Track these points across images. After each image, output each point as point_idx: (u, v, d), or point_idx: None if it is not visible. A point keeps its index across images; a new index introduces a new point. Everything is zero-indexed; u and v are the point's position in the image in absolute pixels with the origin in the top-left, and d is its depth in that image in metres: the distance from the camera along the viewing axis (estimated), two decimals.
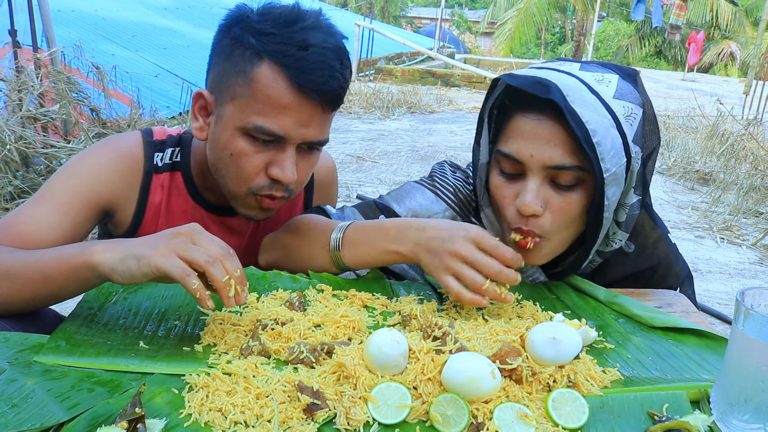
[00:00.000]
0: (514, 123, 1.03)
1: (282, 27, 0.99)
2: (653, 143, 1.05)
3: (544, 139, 0.99)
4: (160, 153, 1.17)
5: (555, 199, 1.01)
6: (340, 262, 1.04)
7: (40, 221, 1.01)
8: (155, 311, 0.92)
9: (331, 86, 1.00)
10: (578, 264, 1.11)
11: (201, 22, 9.08)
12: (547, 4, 20.26)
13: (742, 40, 20.45)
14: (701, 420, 0.72)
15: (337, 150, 5.76)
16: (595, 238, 1.05)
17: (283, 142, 1.02)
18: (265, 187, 1.05)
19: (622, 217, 1.07)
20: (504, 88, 1.06)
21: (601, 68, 1.04)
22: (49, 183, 1.07)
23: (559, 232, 1.04)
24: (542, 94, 0.96)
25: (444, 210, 1.19)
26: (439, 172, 1.25)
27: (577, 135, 0.95)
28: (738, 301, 0.70)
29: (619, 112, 0.99)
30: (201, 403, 0.70)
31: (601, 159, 0.96)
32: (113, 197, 1.12)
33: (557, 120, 0.98)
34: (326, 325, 0.88)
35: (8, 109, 3.63)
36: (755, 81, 8.18)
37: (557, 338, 0.78)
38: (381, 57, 11.70)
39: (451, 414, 0.70)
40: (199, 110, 1.09)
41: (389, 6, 26.87)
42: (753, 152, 5.71)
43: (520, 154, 1.01)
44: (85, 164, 1.10)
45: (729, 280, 3.53)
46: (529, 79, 1.00)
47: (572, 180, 1.00)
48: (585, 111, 0.96)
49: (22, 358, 0.77)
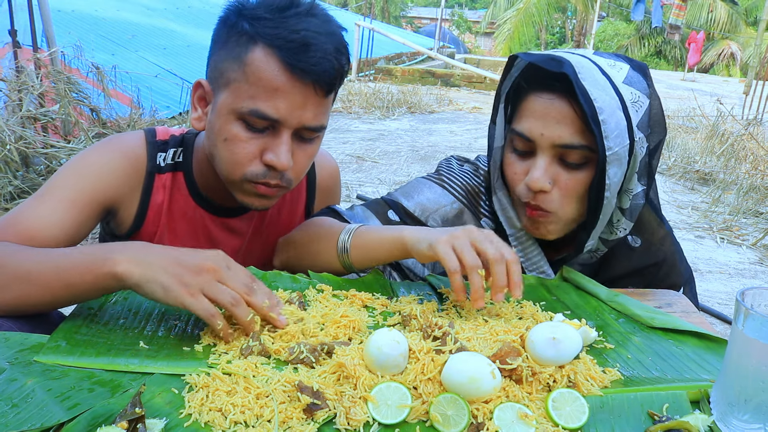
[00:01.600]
0: (527, 102, 1.08)
1: (276, 12, 1.00)
2: (659, 136, 1.09)
3: (554, 118, 1.04)
4: (162, 153, 1.17)
5: (563, 177, 1.07)
6: (348, 263, 1.06)
7: (45, 218, 1.01)
8: (155, 311, 0.92)
9: (323, 67, 0.99)
10: (580, 247, 1.13)
11: (201, 23, 9.08)
12: (546, 5, 20.26)
13: (741, 41, 20.45)
14: (701, 420, 0.72)
15: (337, 150, 5.76)
16: (596, 218, 1.09)
17: (279, 127, 1.01)
18: (260, 174, 1.04)
19: (626, 203, 1.11)
20: (520, 70, 1.11)
21: (614, 57, 1.10)
22: (51, 181, 1.06)
23: (566, 209, 1.09)
24: (555, 69, 1.02)
25: (452, 202, 1.21)
26: (445, 166, 1.28)
27: (585, 113, 1.00)
28: (738, 301, 0.70)
29: (627, 97, 1.04)
30: (201, 403, 0.70)
31: (605, 137, 1.01)
32: (116, 196, 1.11)
33: (568, 100, 1.03)
34: (326, 325, 0.88)
35: (8, 109, 3.63)
36: (755, 81, 8.18)
37: (557, 338, 0.78)
38: (381, 57, 11.69)
39: (451, 414, 0.70)
40: (198, 100, 1.10)
41: (389, 6, 26.87)
42: (753, 152, 5.71)
43: (531, 132, 1.06)
44: (89, 163, 1.09)
45: (729, 280, 3.53)
46: (544, 55, 1.06)
47: (580, 159, 1.06)
48: (594, 89, 1.01)
49: (22, 358, 0.77)
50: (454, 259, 0.91)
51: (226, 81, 1.02)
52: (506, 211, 1.17)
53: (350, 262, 1.06)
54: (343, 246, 1.06)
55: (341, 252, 1.06)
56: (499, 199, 1.18)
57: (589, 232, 1.11)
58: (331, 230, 1.10)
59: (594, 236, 1.12)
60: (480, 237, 0.94)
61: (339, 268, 1.08)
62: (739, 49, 20.72)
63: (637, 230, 1.19)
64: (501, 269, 0.92)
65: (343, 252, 1.06)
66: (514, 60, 1.12)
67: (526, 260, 1.18)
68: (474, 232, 0.95)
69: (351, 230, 1.06)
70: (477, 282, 0.91)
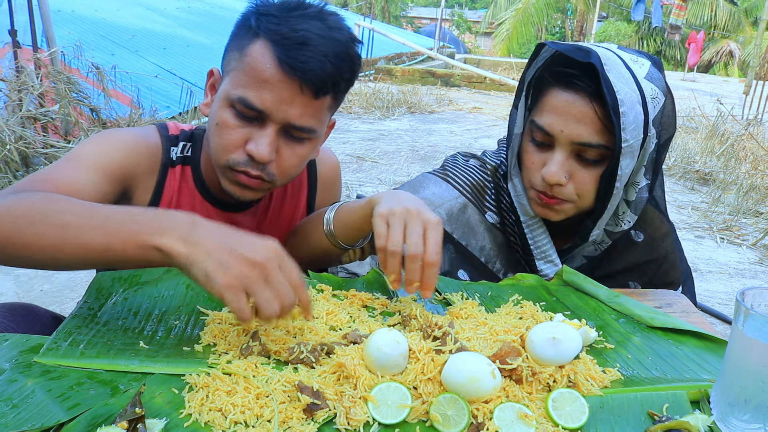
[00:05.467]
0: (550, 96, 1.11)
1: (283, 11, 1.02)
2: (669, 133, 1.13)
3: (575, 117, 1.07)
4: (174, 147, 1.19)
5: (578, 171, 1.11)
6: (334, 239, 1.10)
7: (76, 178, 0.98)
8: (155, 311, 0.92)
9: (311, 66, 0.99)
10: (585, 235, 1.17)
11: (202, 23, 9.07)
12: (546, 5, 20.23)
13: (741, 40, 20.44)
14: (701, 420, 0.72)
15: (337, 150, 5.76)
16: (603, 207, 1.12)
17: (265, 120, 1.03)
18: (241, 162, 1.05)
19: (632, 195, 1.14)
20: (545, 59, 1.14)
21: (636, 53, 1.13)
22: (75, 152, 1.05)
23: (579, 200, 1.13)
24: (582, 58, 1.05)
25: (456, 197, 1.25)
26: (451, 162, 1.32)
27: (605, 114, 1.04)
28: (738, 301, 0.70)
29: (647, 92, 1.07)
30: (201, 403, 0.70)
31: (623, 129, 1.04)
32: (136, 177, 1.12)
33: (590, 100, 1.06)
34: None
35: (8, 109, 3.63)
36: (755, 81, 8.18)
37: (557, 338, 0.78)
38: (381, 57, 11.69)
39: (451, 414, 0.70)
40: (210, 87, 1.13)
41: (389, 6, 26.87)
42: (753, 152, 5.71)
43: (551, 127, 1.10)
44: (113, 140, 1.10)
45: (729, 280, 3.53)
46: (571, 45, 1.09)
47: (596, 156, 1.09)
48: (618, 81, 1.04)
49: (22, 359, 0.77)
50: (382, 235, 0.92)
51: (228, 69, 1.06)
52: (521, 198, 1.20)
53: (336, 236, 1.09)
54: (327, 222, 1.09)
55: (327, 229, 1.10)
56: (515, 186, 1.21)
57: (595, 221, 1.15)
58: (321, 213, 1.14)
59: (600, 225, 1.15)
60: (415, 225, 0.91)
61: (331, 247, 1.11)
62: (738, 47, 20.73)
63: (641, 225, 1.21)
64: (414, 266, 0.89)
65: (327, 225, 1.09)
66: (542, 48, 1.14)
67: (535, 248, 1.21)
68: (414, 216, 0.92)
69: (334, 207, 1.11)
70: (391, 264, 0.91)
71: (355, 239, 1.10)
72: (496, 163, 1.28)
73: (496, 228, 1.25)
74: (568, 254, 1.22)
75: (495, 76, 10.72)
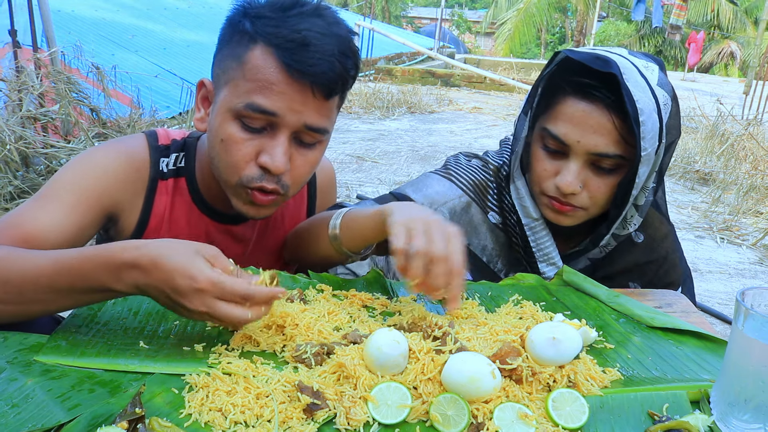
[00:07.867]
0: (565, 105, 1.10)
1: (278, 12, 0.97)
2: (674, 136, 1.13)
3: (592, 128, 1.07)
4: (165, 158, 1.13)
5: (593, 180, 1.11)
6: (339, 246, 1.06)
7: (45, 222, 0.97)
8: (155, 311, 0.92)
9: (321, 68, 0.95)
10: (597, 240, 1.18)
11: (202, 23, 9.07)
12: (546, 5, 20.24)
13: (742, 40, 20.44)
14: (701, 420, 0.72)
15: (337, 150, 5.76)
16: (618, 214, 1.13)
17: (276, 127, 0.98)
18: (255, 178, 1.00)
19: (641, 200, 1.15)
20: (557, 67, 1.13)
21: (644, 57, 1.13)
22: (52, 182, 1.03)
23: (592, 207, 1.14)
24: (602, 68, 1.05)
25: (459, 196, 1.24)
26: (453, 161, 1.32)
27: (622, 124, 1.04)
28: (738, 301, 0.70)
29: (660, 99, 1.07)
30: (201, 403, 0.70)
31: (642, 138, 1.04)
32: (119, 202, 1.08)
33: (607, 110, 1.06)
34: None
35: (8, 109, 3.63)
36: (755, 81, 8.17)
37: (557, 338, 0.78)
38: (381, 57, 11.69)
39: (451, 414, 0.70)
40: (201, 100, 1.08)
41: (389, 6, 26.86)
42: (753, 152, 5.71)
43: (567, 137, 1.09)
44: (91, 166, 1.05)
45: (729, 280, 3.52)
46: (590, 55, 1.08)
47: (611, 165, 1.10)
48: (636, 91, 1.04)
49: (22, 358, 0.77)
50: (401, 239, 0.86)
51: (225, 80, 1.00)
52: (523, 200, 1.20)
53: (341, 243, 1.05)
54: (333, 229, 1.05)
55: (332, 234, 1.05)
56: (517, 188, 1.20)
57: (609, 227, 1.15)
58: (325, 217, 1.10)
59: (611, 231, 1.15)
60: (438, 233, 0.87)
61: (334, 254, 1.08)
62: (739, 48, 20.72)
63: (641, 226, 1.22)
64: (440, 270, 0.85)
65: (333, 230, 1.05)
66: (557, 55, 1.13)
67: (537, 250, 1.21)
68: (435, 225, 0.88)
69: (341, 213, 1.06)
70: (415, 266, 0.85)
71: (359, 247, 1.06)
72: (499, 163, 1.28)
73: (498, 228, 1.25)
74: (575, 258, 1.22)
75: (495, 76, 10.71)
